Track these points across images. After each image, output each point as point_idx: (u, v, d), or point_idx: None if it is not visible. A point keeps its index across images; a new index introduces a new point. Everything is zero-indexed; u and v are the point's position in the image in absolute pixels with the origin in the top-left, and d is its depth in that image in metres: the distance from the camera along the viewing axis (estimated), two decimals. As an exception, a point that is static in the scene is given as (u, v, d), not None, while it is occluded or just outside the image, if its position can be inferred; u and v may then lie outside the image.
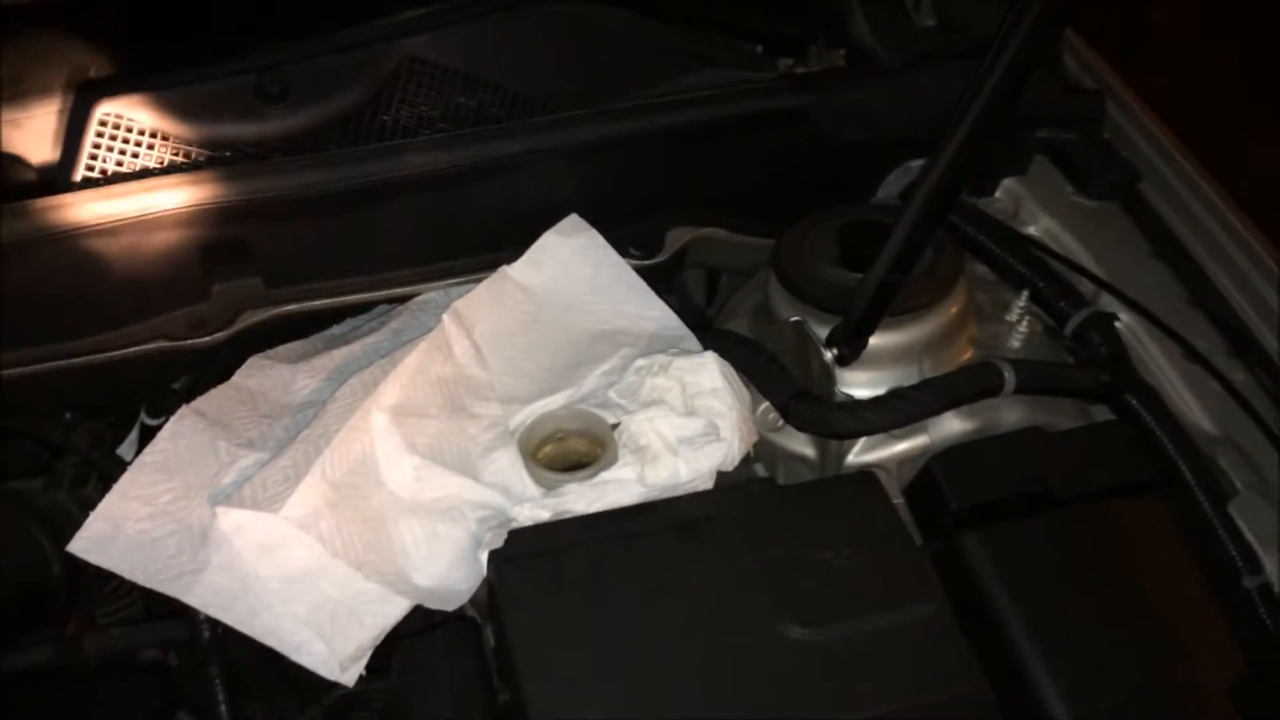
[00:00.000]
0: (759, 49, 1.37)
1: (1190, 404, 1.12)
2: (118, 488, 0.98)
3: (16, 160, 1.13)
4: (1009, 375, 1.02)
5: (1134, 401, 1.06)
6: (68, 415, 1.14)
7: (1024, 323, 1.12)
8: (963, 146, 0.79)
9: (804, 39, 1.34)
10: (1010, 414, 1.07)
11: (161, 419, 1.05)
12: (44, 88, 1.12)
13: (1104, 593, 0.91)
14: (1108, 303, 1.19)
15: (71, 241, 1.06)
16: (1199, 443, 1.06)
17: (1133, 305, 1.16)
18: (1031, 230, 1.30)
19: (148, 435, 1.07)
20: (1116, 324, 1.17)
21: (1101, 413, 1.11)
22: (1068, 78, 1.34)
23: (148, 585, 0.93)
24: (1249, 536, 1.01)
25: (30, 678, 1.01)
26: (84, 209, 1.06)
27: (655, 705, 0.82)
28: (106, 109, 1.11)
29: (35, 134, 1.12)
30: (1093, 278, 1.21)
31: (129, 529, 0.95)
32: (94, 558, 0.94)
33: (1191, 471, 1.03)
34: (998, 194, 1.33)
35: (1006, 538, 0.93)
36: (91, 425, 1.09)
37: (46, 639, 1.03)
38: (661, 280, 1.19)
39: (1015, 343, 1.12)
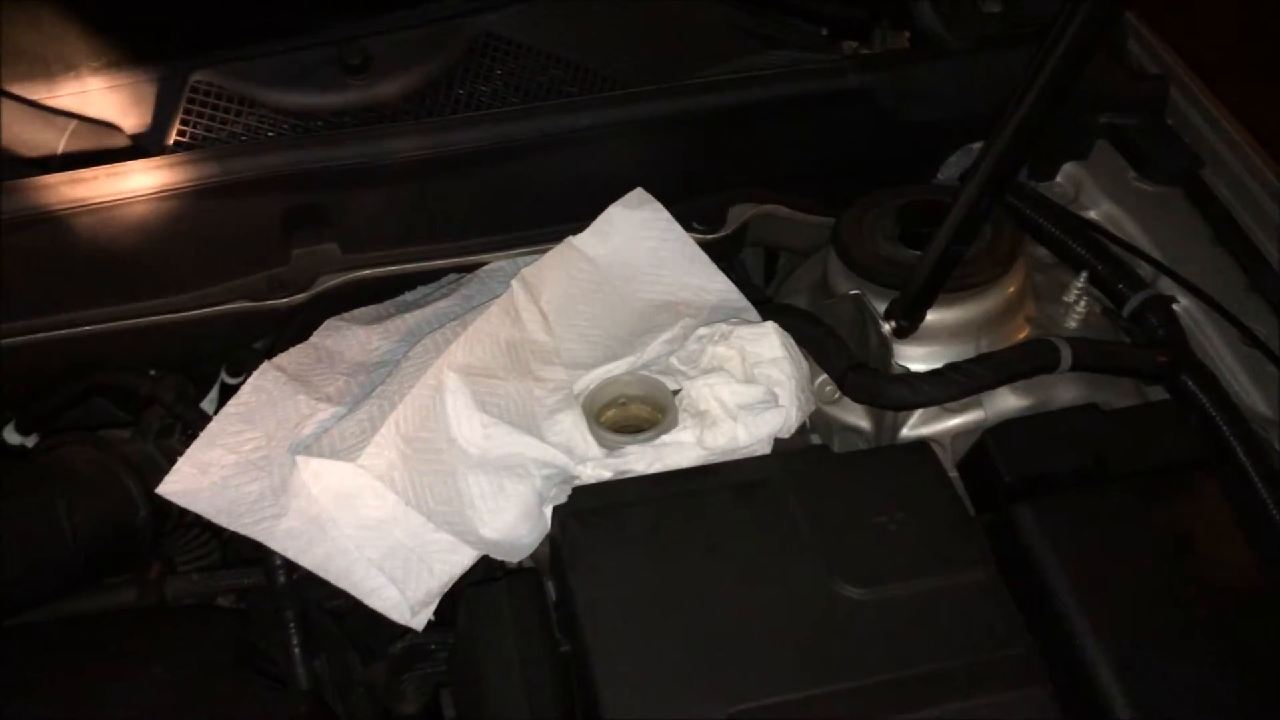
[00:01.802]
0: (824, 32, 1.39)
1: (1246, 387, 1.13)
2: (204, 436, 1.03)
3: (112, 127, 1.19)
4: (1065, 352, 1.04)
5: (1190, 382, 1.07)
6: (152, 372, 1.20)
7: (1081, 303, 1.14)
8: (1026, 119, 0.81)
9: (869, 22, 1.36)
10: (1066, 392, 1.09)
11: (241, 377, 1.10)
12: (140, 57, 1.17)
13: (1155, 565, 0.92)
14: (1166, 286, 1.20)
15: (161, 203, 1.11)
16: (1254, 424, 1.07)
17: (1191, 289, 1.17)
18: (1092, 214, 1.31)
19: (227, 393, 1.12)
20: (1175, 307, 1.18)
21: (1157, 394, 1.12)
22: (1131, 62, 1.35)
23: (231, 528, 0.98)
24: (1303, 518, 1.01)
25: (115, 617, 1.07)
26: (174, 172, 1.11)
27: (712, 657, 0.85)
28: (199, 77, 1.16)
29: (131, 102, 1.17)
30: (1152, 261, 1.22)
31: (214, 475, 1.00)
32: (182, 500, 0.99)
33: (1246, 452, 1.03)
34: (1059, 178, 1.35)
35: (1058, 509, 0.94)
36: (176, 379, 1.14)
37: (130, 581, 1.09)
38: (723, 255, 1.22)
39: (1072, 323, 1.14)
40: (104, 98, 1.16)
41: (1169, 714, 0.85)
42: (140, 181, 1.11)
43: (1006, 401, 1.08)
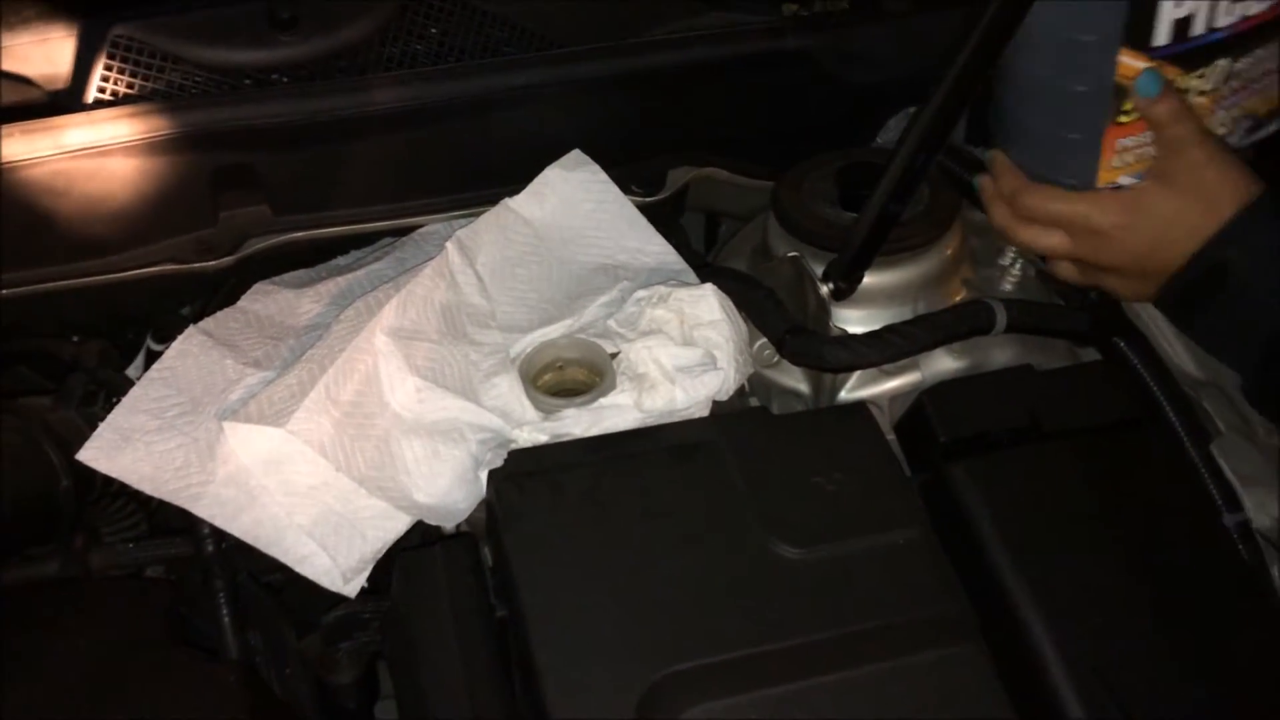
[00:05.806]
0: (766, -7, 1.37)
1: (1176, 348, 1.14)
2: (126, 401, 1.00)
3: (28, 81, 1.14)
4: (1000, 314, 1.05)
5: (1121, 343, 1.08)
6: (75, 338, 1.16)
7: (1017, 266, 1.14)
8: (963, 73, 0.81)
9: (810, -16, 1.35)
10: (1001, 353, 1.10)
11: (167, 344, 1.07)
12: (58, 10, 1.13)
13: (1086, 521, 0.94)
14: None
15: (81, 162, 1.07)
16: (1183, 385, 1.09)
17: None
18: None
19: (154, 360, 1.09)
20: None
21: (1090, 355, 1.13)
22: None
23: (156, 494, 0.95)
24: (1229, 475, 1.03)
25: (37, 589, 1.04)
26: (94, 129, 1.07)
27: (648, 619, 0.85)
28: (120, 31, 1.11)
29: (49, 56, 1.12)
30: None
31: (137, 441, 0.97)
32: (103, 466, 0.96)
33: (1175, 412, 1.05)
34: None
35: (992, 467, 0.95)
36: (99, 344, 1.11)
37: (53, 552, 1.06)
38: (662, 219, 1.21)
39: (1007, 285, 1.14)
40: (19, 52, 1.12)
41: (1101, 666, 0.86)
42: (58, 140, 1.06)
43: (943, 363, 1.09)
